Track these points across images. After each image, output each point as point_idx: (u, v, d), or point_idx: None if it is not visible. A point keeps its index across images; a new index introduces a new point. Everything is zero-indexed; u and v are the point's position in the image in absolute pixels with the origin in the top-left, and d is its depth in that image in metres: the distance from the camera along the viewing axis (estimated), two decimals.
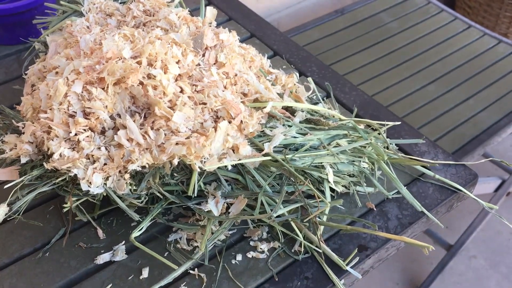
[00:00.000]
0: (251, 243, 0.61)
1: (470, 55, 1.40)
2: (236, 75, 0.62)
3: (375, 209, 0.64)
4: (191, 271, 0.58)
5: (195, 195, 0.59)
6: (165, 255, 0.59)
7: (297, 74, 0.71)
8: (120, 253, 0.59)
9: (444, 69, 1.35)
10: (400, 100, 1.27)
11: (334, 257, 0.59)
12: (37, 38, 0.82)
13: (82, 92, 0.55)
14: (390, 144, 0.66)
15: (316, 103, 0.73)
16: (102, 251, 0.60)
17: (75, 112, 0.55)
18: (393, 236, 0.57)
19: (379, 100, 1.21)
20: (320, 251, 0.59)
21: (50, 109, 0.55)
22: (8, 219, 0.57)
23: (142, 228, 0.59)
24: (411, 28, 1.46)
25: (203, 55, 0.61)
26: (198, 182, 0.59)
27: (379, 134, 0.65)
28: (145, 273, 0.58)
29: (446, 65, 1.36)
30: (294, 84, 0.69)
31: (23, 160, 0.55)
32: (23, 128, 0.56)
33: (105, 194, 0.57)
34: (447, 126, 1.21)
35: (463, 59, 1.38)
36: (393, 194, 0.65)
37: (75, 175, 0.54)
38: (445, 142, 1.19)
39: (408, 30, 1.46)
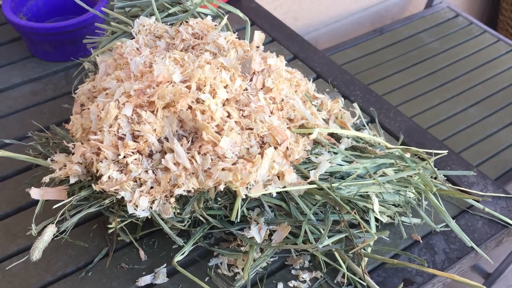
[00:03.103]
0: (293, 271, 0.60)
1: None
2: (282, 100, 0.62)
3: (421, 241, 0.62)
4: None
5: (238, 220, 0.58)
6: (206, 280, 0.59)
7: (342, 100, 0.70)
8: (161, 276, 0.59)
9: (486, 91, 1.32)
10: (440, 123, 1.24)
11: None
12: (85, 55, 0.84)
13: (132, 115, 0.55)
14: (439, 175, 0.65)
15: (360, 129, 0.71)
16: (143, 273, 0.60)
17: (125, 135, 0.55)
18: (443, 273, 0.55)
19: (418, 122, 1.18)
20: (364, 283, 0.58)
21: (100, 131, 0.55)
22: (54, 238, 0.57)
23: (184, 252, 0.59)
24: (453, 49, 1.44)
25: (251, 80, 0.61)
26: (241, 208, 0.58)
27: (427, 164, 0.63)
28: None
29: (488, 88, 1.33)
30: (340, 110, 0.68)
31: (72, 180, 0.56)
32: (73, 148, 0.56)
33: (149, 217, 0.57)
34: (490, 151, 1.18)
35: (506, 82, 1.35)
36: (441, 227, 0.63)
37: (122, 197, 0.54)
38: (487, 167, 1.15)
39: (449, 51, 1.43)
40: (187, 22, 0.69)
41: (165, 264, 0.60)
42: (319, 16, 1.58)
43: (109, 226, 0.58)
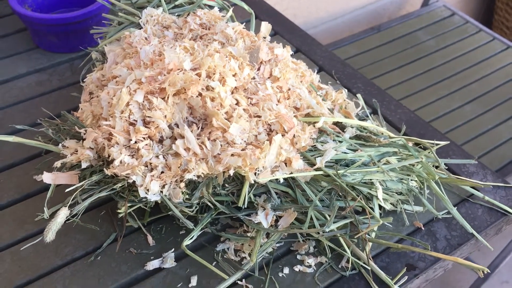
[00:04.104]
0: (298, 256, 0.61)
1: (509, 76, 1.38)
2: (289, 89, 0.63)
3: (423, 228, 0.64)
4: (239, 282, 0.58)
5: (245, 206, 0.59)
6: (213, 264, 0.60)
7: (346, 90, 0.72)
8: (169, 261, 0.60)
9: (482, 89, 1.34)
10: (437, 119, 1.26)
11: (382, 275, 0.58)
12: (90, 46, 0.84)
13: (143, 101, 0.56)
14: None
15: (363, 119, 0.73)
16: (151, 258, 0.61)
17: (136, 121, 0.56)
18: (447, 256, 0.57)
19: None
20: (368, 268, 0.59)
21: (112, 117, 0.56)
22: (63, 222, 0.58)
23: (193, 236, 0.60)
24: (449, 47, 1.46)
25: (258, 69, 0.62)
26: (248, 194, 0.59)
27: (429, 153, 0.65)
28: (193, 281, 0.58)
29: (484, 85, 1.35)
30: (344, 100, 0.69)
31: (84, 165, 0.56)
32: (84, 134, 0.57)
33: (159, 202, 0.58)
34: (485, 147, 1.20)
35: (501, 79, 1.37)
36: (443, 214, 0.64)
37: (133, 181, 0.55)
38: (484, 162, 1.17)
39: (446, 49, 1.45)
40: (194, 13, 0.70)
41: (173, 249, 0.61)
42: (317, 13, 1.60)
43: (119, 211, 0.59)
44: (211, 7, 0.76)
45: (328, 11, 1.62)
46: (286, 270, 0.60)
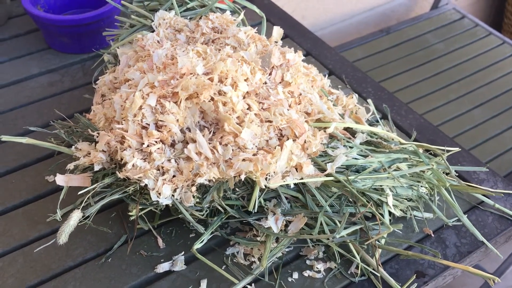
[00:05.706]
0: (307, 262, 0.62)
1: None
2: (300, 94, 0.63)
3: (432, 235, 0.64)
4: (248, 286, 0.59)
5: (255, 210, 0.60)
6: (223, 268, 0.60)
7: (356, 95, 0.72)
8: (179, 264, 0.60)
9: (491, 93, 1.34)
10: (445, 123, 1.26)
11: (392, 282, 0.58)
12: (102, 47, 0.85)
13: (156, 105, 0.56)
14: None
15: (373, 125, 0.73)
16: (161, 260, 0.61)
17: (148, 124, 0.56)
18: (457, 265, 0.57)
19: None
20: (378, 274, 0.59)
21: (124, 120, 0.57)
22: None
23: (203, 240, 0.60)
24: (458, 50, 1.45)
25: (270, 74, 0.62)
26: (258, 198, 0.60)
27: (440, 159, 0.65)
28: (203, 285, 0.59)
29: (493, 90, 1.35)
30: (355, 105, 0.69)
31: (97, 168, 0.57)
32: (97, 137, 0.58)
33: (171, 205, 0.58)
34: (494, 152, 1.20)
35: (511, 84, 1.36)
36: (453, 221, 0.64)
37: (145, 185, 0.55)
38: (492, 167, 1.17)
39: (455, 52, 1.45)
40: (206, 16, 0.70)
41: (183, 252, 0.62)
42: (325, 15, 1.60)
43: (130, 213, 0.60)
44: (222, 10, 0.76)
45: (336, 12, 1.62)
46: (295, 275, 0.60)
